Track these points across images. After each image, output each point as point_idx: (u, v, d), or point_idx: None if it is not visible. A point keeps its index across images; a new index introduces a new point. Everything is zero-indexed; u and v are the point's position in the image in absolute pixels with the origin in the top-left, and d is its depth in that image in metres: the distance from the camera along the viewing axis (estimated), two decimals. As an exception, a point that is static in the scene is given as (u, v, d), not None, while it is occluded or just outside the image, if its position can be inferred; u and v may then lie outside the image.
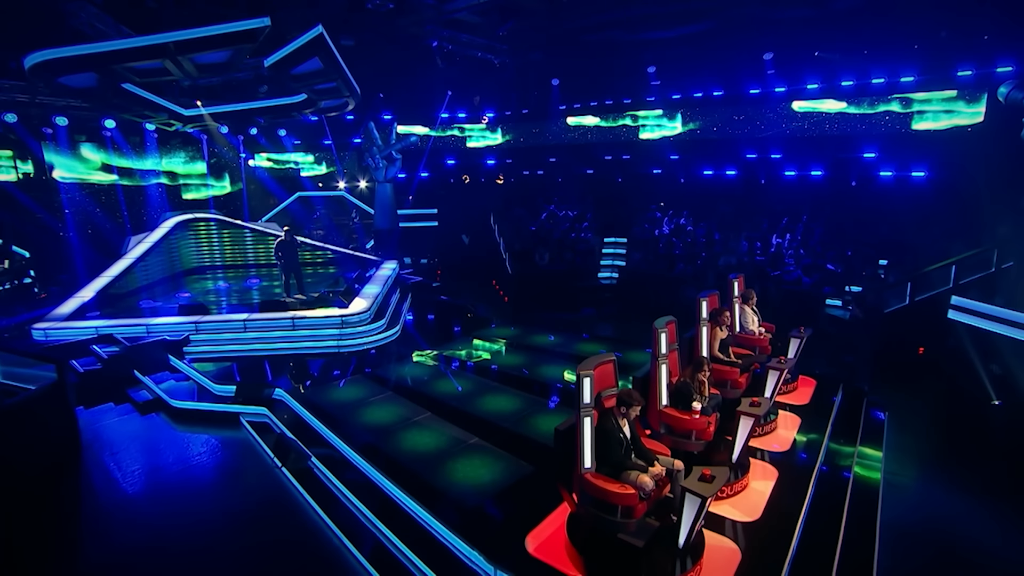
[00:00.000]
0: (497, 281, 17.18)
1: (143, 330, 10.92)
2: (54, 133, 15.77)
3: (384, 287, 13.61)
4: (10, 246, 14.90)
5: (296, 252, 13.16)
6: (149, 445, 7.93)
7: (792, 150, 16.22)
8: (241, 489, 6.75)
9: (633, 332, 12.37)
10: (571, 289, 15.64)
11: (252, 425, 8.23)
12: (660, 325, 5.73)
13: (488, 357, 10.30)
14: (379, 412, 7.83)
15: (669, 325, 5.94)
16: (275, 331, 10.97)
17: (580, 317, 14.28)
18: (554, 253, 16.26)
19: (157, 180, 18.30)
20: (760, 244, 15.45)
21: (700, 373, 5.68)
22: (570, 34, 17.83)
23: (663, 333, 5.68)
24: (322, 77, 13.32)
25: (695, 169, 18.50)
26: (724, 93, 17.23)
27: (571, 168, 21.19)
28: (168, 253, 15.68)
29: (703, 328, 7.01)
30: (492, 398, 8.22)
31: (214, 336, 10.93)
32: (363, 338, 11.02)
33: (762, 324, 8.58)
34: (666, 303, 14.35)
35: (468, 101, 22.34)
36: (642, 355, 10.37)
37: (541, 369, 9.53)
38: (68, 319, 11.39)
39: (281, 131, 20.18)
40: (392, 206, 19.78)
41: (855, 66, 14.34)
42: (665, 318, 6.00)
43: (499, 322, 13.20)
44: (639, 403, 4.61)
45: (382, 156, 19.09)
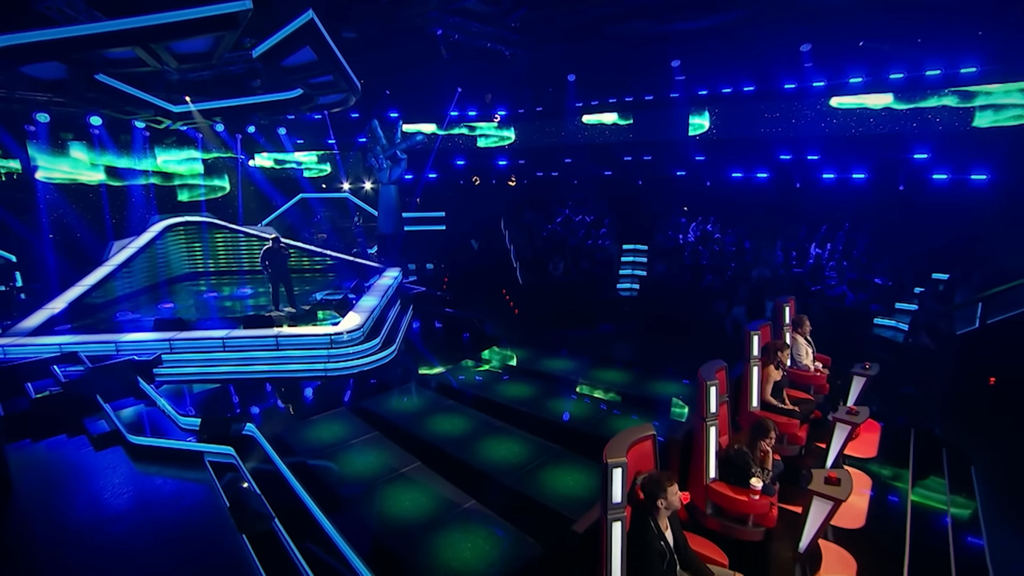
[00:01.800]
0: (507, 291, 15.93)
1: (112, 348, 9.84)
2: (36, 131, 14.81)
3: (383, 299, 12.42)
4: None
5: (285, 261, 12.01)
6: (94, 491, 6.78)
7: (831, 150, 14.76)
8: (188, 555, 5.57)
9: (656, 354, 11.05)
10: (587, 302, 14.33)
11: (216, 467, 7.06)
12: (709, 376, 4.42)
13: (493, 386, 9.03)
14: (361, 459, 6.62)
15: (719, 373, 4.63)
16: (257, 351, 9.82)
17: (597, 334, 12.95)
18: (569, 262, 14.96)
19: (147, 181, 17.29)
20: (796, 254, 14.02)
21: (764, 440, 4.36)
22: (588, 25, 16.54)
23: (712, 387, 4.37)
24: (317, 70, 12.17)
25: (723, 171, 17.10)
26: (756, 88, 15.82)
27: (587, 169, 19.87)
28: (154, 259, 14.64)
29: (753, 368, 5.68)
30: (495, 443, 6.96)
31: (189, 356, 9.79)
32: (354, 360, 9.81)
33: (816, 356, 7.23)
34: (693, 320, 13.15)
35: (479, 98, 21.14)
36: (668, 386, 9.06)
37: (553, 403, 8.23)
38: (32, 334, 10.35)
39: (281, 130, 19.10)
40: (396, 209, 18.63)
41: (906, 56, 12.85)
42: (714, 364, 4.69)
43: (508, 339, 11.95)
44: (674, 491, 3.32)
45: (386, 156, 17.95)
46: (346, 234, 20.32)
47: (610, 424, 7.45)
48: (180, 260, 15.65)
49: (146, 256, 14.22)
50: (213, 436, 7.43)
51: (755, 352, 5.65)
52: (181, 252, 15.72)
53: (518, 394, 8.50)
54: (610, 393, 8.58)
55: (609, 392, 8.63)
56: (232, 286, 15.34)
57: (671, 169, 18.30)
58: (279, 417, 7.92)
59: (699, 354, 11.35)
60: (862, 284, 12.03)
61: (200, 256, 16.16)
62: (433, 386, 8.89)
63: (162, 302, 13.31)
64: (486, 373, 9.56)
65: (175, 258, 15.44)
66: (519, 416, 7.66)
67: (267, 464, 6.79)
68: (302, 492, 6.01)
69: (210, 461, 7.21)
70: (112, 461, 7.51)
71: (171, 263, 15.27)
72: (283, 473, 6.52)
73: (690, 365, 10.50)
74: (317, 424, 7.57)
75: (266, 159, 20.80)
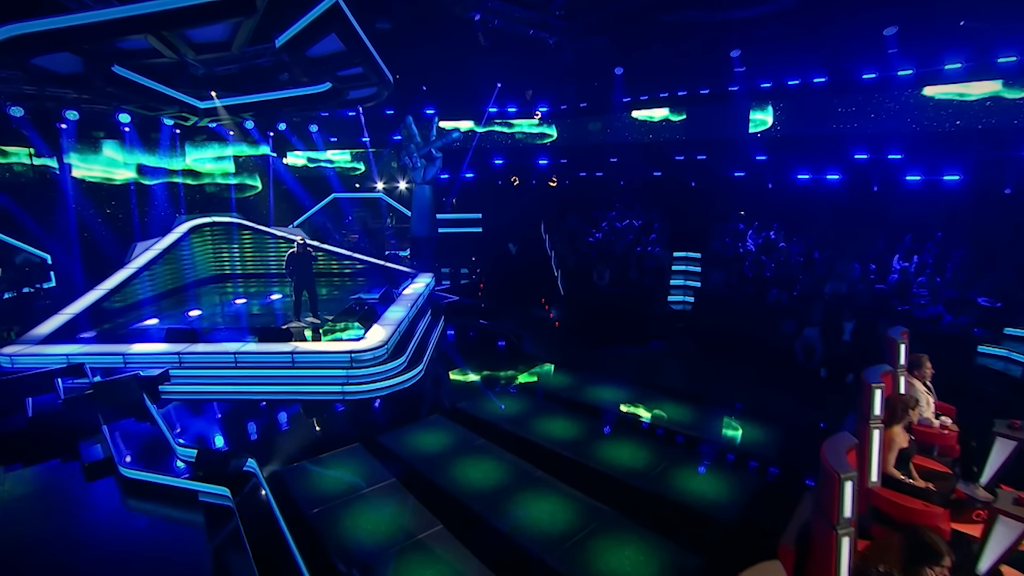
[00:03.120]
0: (547, 300, 14.73)
1: (120, 360, 9.12)
2: (67, 129, 14.43)
3: (412, 309, 11.41)
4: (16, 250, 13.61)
5: (311, 266, 11.12)
6: (71, 531, 5.95)
7: (918, 148, 12.96)
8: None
9: (719, 382, 9.64)
10: (636, 316, 12.98)
11: (209, 510, 6.13)
12: (839, 463, 3.09)
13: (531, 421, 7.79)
14: (372, 516, 5.54)
15: (850, 455, 3.30)
16: (271, 368, 8.92)
17: (648, 354, 11.60)
18: (616, 271, 13.61)
19: (177, 180, 16.84)
20: (875, 267, 12.32)
21: (932, 568, 2.97)
22: (638, 13, 15.18)
23: (848, 482, 3.03)
24: (345, 61, 11.24)
25: (787, 172, 15.43)
26: (828, 80, 14.11)
27: (635, 170, 18.46)
28: (178, 262, 14.06)
29: (874, 432, 4.31)
30: (533, 500, 5.75)
31: (199, 372, 8.97)
32: (375, 382, 8.79)
33: (937, 405, 5.76)
34: (757, 339, 11.67)
35: (519, 93, 19.98)
36: (741, 428, 7.68)
37: (602, 446, 6.94)
38: (44, 341, 9.76)
39: (313, 127, 18.40)
40: (431, 210, 17.64)
41: (1019, 36, 11.00)
42: (842, 442, 3.36)
43: (548, 357, 10.75)
44: None
45: (421, 154, 16.98)
46: (377, 236, 19.49)
47: (673, 479, 6.15)
48: (206, 262, 15.05)
49: (170, 258, 13.64)
50: (209, 473, 6.50)
51: (876, 410, 4.28)
52: (207, 254, 15.13)
53: (560, 433, 7.24)
54: (670, 434, 7.25)
55: (669, 433, 7.30)
56: (260, 290, 14.62)
57: (728, 170, 16.72)
58: (285, 451, 6.92)
59: (769, 383, 10.10)
60: (963, 304, 10.30)
61: (227, 258, 15.53)
62: (462, 418, 7.73)
63: (187, 308, 12.63)
64: (523, 403, 8.35)
65: (201, 260, 14.84)
66: (561, 464, 6.42)
67: (263, 512, 5.81)
68: (297, 556, 4.98)
69: (203, 501, 6.30)
70: (100, 495, 6.69)
71: (197, 265, 14.68)
72: (279, 526, 5.51)
73: (761, 396, 9.21)
74: (326, 463, 6.54)
75: (298, 157, 20.18)
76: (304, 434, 7.47)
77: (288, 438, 7.38)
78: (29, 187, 14.87)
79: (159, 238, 13.68)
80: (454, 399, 8.48)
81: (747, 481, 6.15)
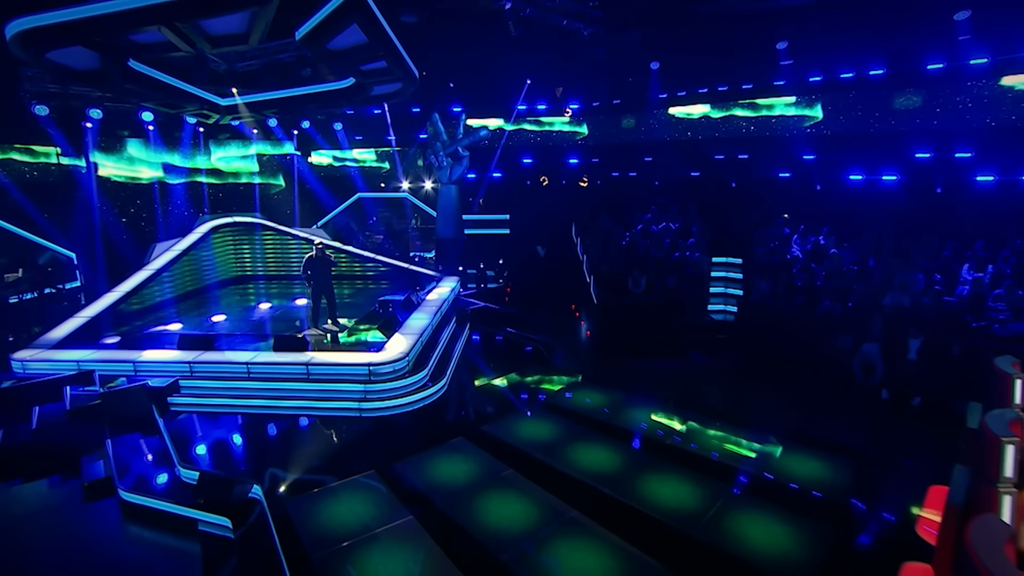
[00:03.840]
0: (578, 308, 13.95)
1: (130, 368, 8.70)
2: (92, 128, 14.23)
3: (435, 316, 10.79)
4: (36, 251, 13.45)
5: (329, 271, 10.57)
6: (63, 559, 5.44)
7: (992, 146, 11.79)
8: None
9: (769, 403, 8.77)
10: (674, 327, 12.10)
11: (208, 540, 5.57)
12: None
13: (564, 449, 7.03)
14: (384, 562, 4.86)
15: (1009, 548, 2.49)
16: (285, 380, 8.36)
17: (688, 369, 10.74)
18: (652, 278, 12.75)
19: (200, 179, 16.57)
20: (940, 277, 11.21)
21: None
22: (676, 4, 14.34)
23: None
24: (368, 54, 10.67)
25: (837, 172, 14.33)
26: (887, 72, 13.01)
27: (671, 169, 17.54)
28: (199, 263, 13.71)
29: (1004, 498, 3.44)
30: (568, 548, 5.01)
31: (210, 383, 8.47)
32: (395, 398, 8.15)
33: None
34: (810, 356, 10.71)
35: (549, 91, 19.24)
36: (801, 461, 6.78)
37: (645, 481, 6.14)
38: (57, 346, 9.42)
39: (337, 125, 17.96)
40: (457, 211, 17.02)
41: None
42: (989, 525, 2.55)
43: (580, 370, 10.00)
44: None
45: (447, 153, 16.37)
46: (402, 237, 18.97)
47: (729, 524, 5.33)
48: (227, 263, 14.68)
49: (189, 259, 13.29)
50: (211, 500, 5.93)
51: (1008, 471, 3.41)
52: (228, 255, 14.76)
53: (596, 463, 6.46)
54: (720, 468, 6.42)
55: (719, 466, 6.47)
56: (282, 293, 14.13)
57: (772, 170, 15.70)
58: (295, 476, 6.33)
59: (824, 404, 9.14)
60: (1051, 321, 9.17)
61: (249, 259, 15.15)
62: (488, 443, 7.02)
63: (206, 311, 12.21)
64: (555, 426, 7.59)
65: (222, 261, 14.48)
66: (599, 502, 5.66)
67: (264, 550, 5.20)
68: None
69: (203, 531, 5.74)
70: (97, 518, 6.20)
71: (217, 267, 14.32)
72: (281, 568, 4.89)
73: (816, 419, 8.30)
74: (338, 495, 5.90)
75: (323, 156, 19.80)
76: (316, 457, 6.85)
77: (299, 460, 6.77)
78: (55, 186, 14.75)
79: (179, 239, 13.35)
80: (479, 419, 7.78)
81: (820, 533, 5.27)
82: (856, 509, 5.72)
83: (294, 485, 6.16)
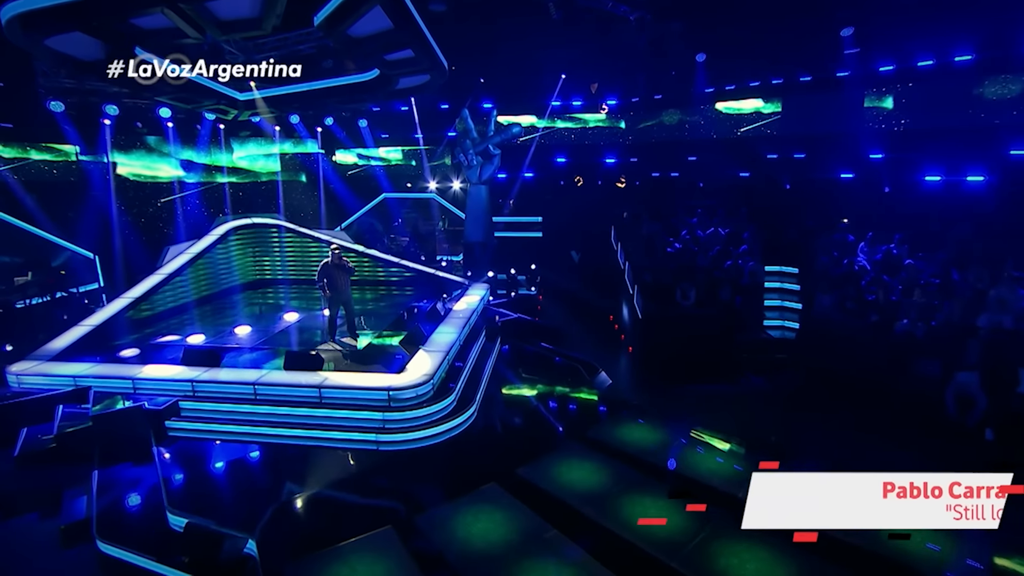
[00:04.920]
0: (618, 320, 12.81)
1: (129, 385, 7.89)
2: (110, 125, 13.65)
3: (463, 329, 9.79)
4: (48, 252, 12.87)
5: (347, 279, 9.63)
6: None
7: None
8: None
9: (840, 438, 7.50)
10: (728, 345, 10.84)
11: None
12: None
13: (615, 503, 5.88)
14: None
15: None
16: (295, 405, 7.43)
17: (746, 393, 9.51)
18: (703, 289, 11.50)
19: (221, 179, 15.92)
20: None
21: None
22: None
23: None
24: (394, 40, 9.74)
25: (910, 173, 12.85)
26: (976, 57, 11.48)
27: (718, 170, 16.22)
28: (215, 266, 12.98)
29: None
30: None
31: (214, 405, 7.59)
32: (418, 428, 7.14)
33: None
34: (888, 382, 9.35)
35: (584, 86, 18.11)
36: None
37: (725, 556, 4.96)
38: (56, 358, 8.71)
39: (362, 122, 17.12)
40: (487, 214, 16.00)
41: None
42: None
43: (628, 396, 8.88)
44: None
45: (477, 151, 15.37)
46: (428, 240, 18.05)
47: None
48: (245, 267, 13.92)
49: (204, 263, 12.55)
50: (197, 558, 5.00)
51: None
52: (247, 258, 14.00)
53: (659, 531, 5.28)
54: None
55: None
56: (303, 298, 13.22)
57: (833, 170, 14.27)
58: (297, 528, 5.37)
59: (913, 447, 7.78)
60: None
61: (268, 263, 14.37)
62: (526, 492, 5.92)
63: (228, 321, 11.37)
64: (605, 470, 6.45)
65: (239, 264, 13.73)
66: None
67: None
68: None
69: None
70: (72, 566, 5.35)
71: (234, 270, 13.58)
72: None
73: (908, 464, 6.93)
74: (346, 558, 4.90)
75: (347, 155, 19.01)
76: (324, 504, 5.87)
77: (304, 508, 5.81)
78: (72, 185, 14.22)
79: (194, 241, 12.62)
80: (513, 457, 6.69)
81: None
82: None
83: (298, 542, 5.18)
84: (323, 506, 5.79)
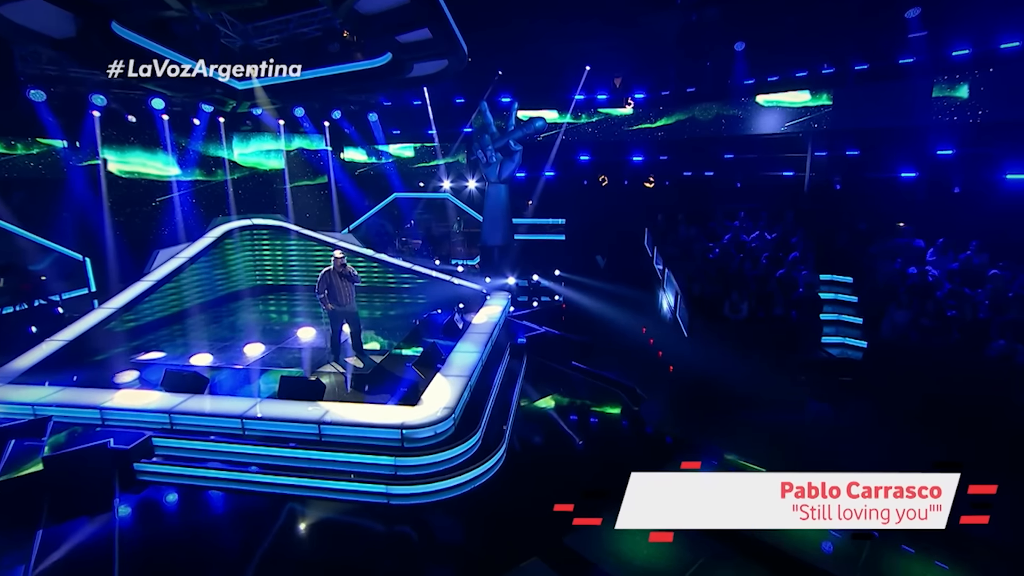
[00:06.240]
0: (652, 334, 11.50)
1: (96, 416, 6.70)
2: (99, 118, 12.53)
3: (486, 347, 8.55)
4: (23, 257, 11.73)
5: (352, 289, 8.39)
6: None
7: None
8: None
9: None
10: (783, 364, 9.49)
11: None
12: None
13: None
14: None
15: None
16: (291, 443, 6.19)
17: (809, 425, 8.18)
18: (754, 302, 10.17)
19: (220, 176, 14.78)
20: None
21: None
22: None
23: None
24: (408, 17, 8.50)
25: (986, 171, 11.44)
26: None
27: (759, 168, 14.88)
28: (210, 271, 11.83)
29: None
30: None
31: (193, 443, 6.38)
32: (436, 478, 5.86)
33: None
34: (983, 418, 7.98)
35: (610, 79, 16.83)
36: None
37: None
38: (19, 379, 7.56)
39: (372, 116, 15.91)
40: (506, 216, 14.77)
41: None
42: None
43: (678, 432, 7.56)
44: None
45: (496, 147, 14.13)
46: (442, 243, 16.83)
47: None
48: (243, 272, 12.76)
49: (197, 268, 11.39)
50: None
51: None
52: (246, 262, 12.84)
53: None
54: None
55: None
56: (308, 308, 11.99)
57: (892, 168, 12.88)
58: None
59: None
60: None
61: (270, 268, 13.21)
62: (577, 571, 4.63)
63: (216, 333, 10.17)
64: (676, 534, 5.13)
65: (237, 270, 12.57)
66: None
67: None
68: None
69: None
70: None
71: (231, 276, 12.42)
72: None
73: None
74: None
75: (356, 151, 17.83)
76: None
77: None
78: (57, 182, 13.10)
79: (186, 244, 11.47)
80: (558, 520, 5.37)
81: None
82: None
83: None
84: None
